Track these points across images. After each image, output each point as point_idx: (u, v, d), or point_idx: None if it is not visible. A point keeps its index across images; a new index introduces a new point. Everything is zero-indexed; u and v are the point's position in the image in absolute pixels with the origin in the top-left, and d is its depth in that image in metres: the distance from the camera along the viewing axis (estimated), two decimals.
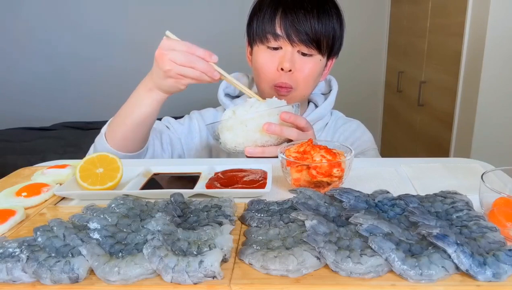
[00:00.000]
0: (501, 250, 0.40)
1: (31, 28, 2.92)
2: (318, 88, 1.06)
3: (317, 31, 0.87)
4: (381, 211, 0.50)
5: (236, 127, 0.76)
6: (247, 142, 0.76)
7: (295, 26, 0.86)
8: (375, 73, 2.98)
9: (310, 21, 0.86)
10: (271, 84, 0.91)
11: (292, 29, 0.86)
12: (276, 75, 0.90)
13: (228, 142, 0.78)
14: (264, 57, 0.91)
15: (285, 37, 0.87)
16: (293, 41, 0.87)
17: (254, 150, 0.76)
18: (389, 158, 0.79)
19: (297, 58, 0.89)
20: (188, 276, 0.38)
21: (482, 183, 0.50)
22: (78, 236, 0.44)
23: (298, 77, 0.90)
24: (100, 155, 0.67)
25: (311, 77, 0.92)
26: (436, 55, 2.09)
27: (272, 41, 0.88)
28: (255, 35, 0.92)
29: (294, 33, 0.86)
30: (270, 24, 0.88)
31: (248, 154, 0.77)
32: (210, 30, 2.90)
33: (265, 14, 0.89)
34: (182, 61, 0.74)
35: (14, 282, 0.41)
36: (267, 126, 0.74)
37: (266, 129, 0.74)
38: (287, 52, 0.88)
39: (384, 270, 0.39)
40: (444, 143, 1.96)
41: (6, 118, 2.96)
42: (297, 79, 0.90)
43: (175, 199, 0.54)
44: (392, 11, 2.87)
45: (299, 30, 0.86)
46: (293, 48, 0.88)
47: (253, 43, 0.94)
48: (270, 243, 0.44)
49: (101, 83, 3.01)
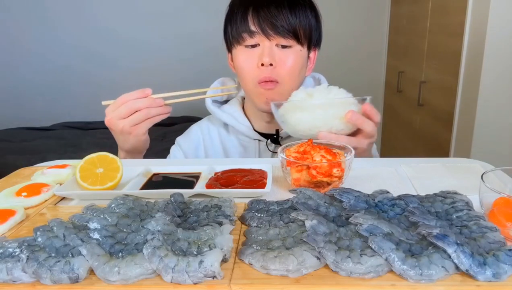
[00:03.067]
0: (501, 250, 0.40)
1: (31, 28, 2.92)
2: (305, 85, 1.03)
3: (291, 21, 0.86)
4: (381, 211, 0.50)
5: (314, 110, 0.74)
6: (324, 127, 0.74)
7: (269, 19, 0.85)
8: (375, 73, 2.98)
9: (282, 13, 0.85)
10: (255, 81, 0.90)
11: (266, 22, 0.86)
12: (257, 72, 0.89)
13: (301, 123, 0.75)
14: (242, 56, 0.90)
15: (260, 32, 0.86)
16: (269, 35, 0.86)
17: (328, 135, 0.73)
18: (389, 158, 0.79)
19: (277, 51, 0.88)
20: (188, 276, 0.38)
21: (482, 183, 0.50)
22: (78, 236, 0.44)
23: (281, 70, 0.89)
24: (100, 155, 0.67)
25: (295, 69, 0.91)
26: (436, 55, 2.09)
27: (248, 39, 0.88)
28: (231, 38, 0.91)
29: (269, 27, 0.86)
30: (243, 23, 0.87)
31: (320, 138, 0.73)
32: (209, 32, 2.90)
33: (237, 15, 0.88)
34: (125, 112, 0.78)
35: (14, 282, 0.41)
36: (351, 115, 0.72)
37: (349, 117, 0.72)
38: (265, 47, 0.87)
39: (384, 270, 0.39)
40: (444, 143, 1.96)
41: (6, 118, 2.96)
42: (280, 73, 0.89)
43: (175, 199, 0.54)
44: (392, 11, 2.87)
45: (273, 23, 0.85)
46: (271, 42, 0.87)
47: (231, 47, 0.93)
48: (270, 243, 0.44)
49: (101, 83, 3.01)
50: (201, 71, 2.74)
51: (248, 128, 1.00)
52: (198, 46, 2.95)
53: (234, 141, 1.02)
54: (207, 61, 2.74)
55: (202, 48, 2.92)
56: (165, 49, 2.97)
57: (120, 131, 0.80)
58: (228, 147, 1.03)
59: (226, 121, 1.01)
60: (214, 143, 1.04)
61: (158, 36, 2.96)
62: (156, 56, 2.96)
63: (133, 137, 0.82)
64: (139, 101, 0.79)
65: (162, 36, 2.96)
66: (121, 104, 0.79)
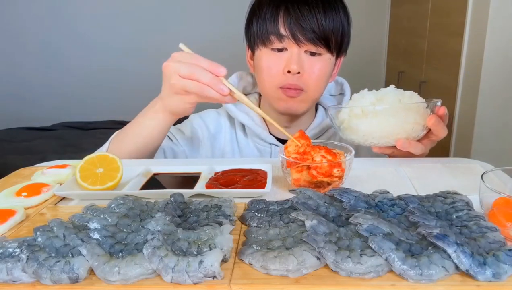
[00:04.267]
0: (501, 250, 0.40)
1: (31, 28, 2.92)
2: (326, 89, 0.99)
3: (324, 27, 0.80)
4: (381, 211, 0.50)
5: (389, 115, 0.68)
6: (403, 133, 0.69)
7: (300, 24, 0.79)
8: (375, 73, 2.98)
9: (316, 17, 0.79)
10: (278, 86, 0.85)
11: (297, 27, 0.80)
12: (282, 78, 0.84)
13: (375, 129, 0.69)
14: (268, 60, 0.84)
15: (290, 37, 0.80)
16: (300, 41, 0.80)
17: (407, 142, 0.68)
18: (389, 158, 0.79)
19: (305, 58, 0.83)
20: (188, 276, 0.38)
21: (482, 183, 0.50)
22: (78, 236, 0.44)
23: (308, 79, 0.84)
24: (100, 155, 0.67)
25: (322, 78, 0.86)
26: (436, 55, 2.09)
27: (276, 42, 0.82)
28: (256, 37, 0.85)
29: (300, 32, 0.80)
30: (273, 24, 0.81)
31: (399, 146, 0.69)
32: (214, 31, 2.90)
33: (266, 13, 0.82)
34: (185, 72, 0.68)
35: (14, 282, 0.41)
36: (434, 120, 0.67)
37: (432, 123, 0.67)
38: (294, 53, 0.82)
39: (384, 270, 0.39)
40: (444, 143, 1.96)
41: (6, 118, 2.96)
42: (307, 82, 0.84)
43: (175, 199, 0.54)
44: (392, 11, 2.87)
45: (305, 28, 0.79)
46: (300, 48, 0.82)
47: (255, 46, 0.87)
48: (270, 243, 0.44)
49: (102, 83, 3.01)
50: None
51: (265, 131, 0.94)
52: (204, 46, 2.95)
53: (249, 144, 0.97)
54: None
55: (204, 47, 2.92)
56: (165, 49, 2.98)
57: (170, 86, 0.71)
58: (242, 148, 0.98)
59: (242, 121, 0.95)
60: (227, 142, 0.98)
61: (158, 36, 2.96)
62: (156, 56, 2.96)
63: (177, 100, 0.73)
64: (205, 74, 0.68)
65: (162, 36, 2.96)
66: (190, 63, 0.69)
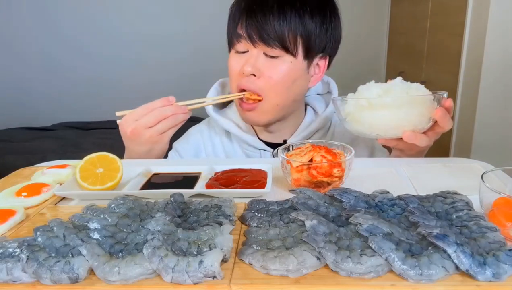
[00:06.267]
0: (501, 250, 0.40)
1: (30, 28, 2.92)
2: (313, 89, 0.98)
3: (277, 29, 0.79)
4: (381, 211, 0.50)
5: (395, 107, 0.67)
6: (409, 126, 0.68)
7: (255, 24, 0.79)
8: (375, 73, 2.98)
9: (270, 18, 0.79)
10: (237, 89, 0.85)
11: (252, 28, 0.80)
12: (238, 80, 0.84)
13: (382, 121, 0.68)
14: (231, 61, 0.86)
15: (246, 37, 0.81)
16: (254, 41, 0.80)
17: (413, 135, 0.67)
18: (389, 158, 0.79)
19: (263, 61, 0.81)
20: (188, 276, 0.38)
21: (482, 183, 0.50)
22: (78, 236, 0.44)
23: (264, 83, 0.82)
24: (100, 155, 0.67)
25: (282, 82, 0.82)
26: (436, 55, 2.09)
27: (237, 43, 0.84)
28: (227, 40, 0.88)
29: (255, 32, 0.80)
30: (234, 26, 0.83)
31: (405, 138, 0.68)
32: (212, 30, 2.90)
33: (234, 17, 0.84)
34: (153, 120, 0.75)
35: (14, 282, 0.41)
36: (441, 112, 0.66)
37: (439, 115, 0.66)
38: (251, 55, 0.82)
39: (384, 270, 0.39)
40: (444, 143, 1.96)
41: (6, 118, 2.96)
42: (263, 86, 0.82)
43: (175, 199, 0.54)
44: (392, 11, 2.87)
45: (259, 29, 0.79)
46: (257, 49, 0.81)
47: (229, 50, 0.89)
48: (270, 243, 0.44)
49: (102, 83, 3.01)
50: (203, 71, 2.74)
51: (252, 137, 0.94)
52: (200, 45, 2.95)
53: (237, 151, 0.96)
54: (208, 61, 2.74)
55: (204, 47, 2.92)
56: (166, 49, 2.98)
57: (147, 140, 0.77)
58: (230, 155, 0.97)
59: (228, 129, 0.94)
60: (216, 152, 0.99)
61: (159, 35, 2.96)
62: (156, 56, 2.97)
63: (159, 146, 0.79)
64: (166, 108, 0.76)
65: (163, 36, 2.96)
66: (147, 113, 0.76)
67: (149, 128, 0.76)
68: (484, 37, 1.59)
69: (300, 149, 0.65)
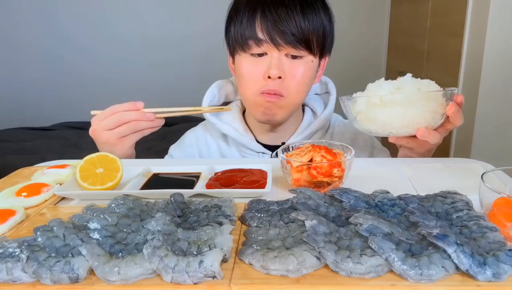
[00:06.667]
0: (501, 250, 0.40)
1: (31, 27, 2.92)
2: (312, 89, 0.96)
3: (304, 29, 0.76)
4: (381, 211, 0.50)
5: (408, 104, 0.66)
6: (424, 123, 0.67)
7: (279, 27, 0.75)
8: (375, 73, 2.98)
9: (294, 19, 0.75)
10: (258, 92, 0.81)
11: (275, 31, 0.76)
12: (263, 83, 0.80)
13: (396, 119, 0.67)
14: (248, 66, 0.81)
15: (269, 41, 0.77)
16: (279, 45, 0.77)
17: (426, 132, 0.66)
18: (389, 158, 0.79)
19: (286, 62, 0.79)
20: (188, 276, 0.38)
21: (482, 183, 0.50)
22: (78, 236, 0.44)
23: (290, 84, 0.80)
24: (100, 155, 0.67)
25: (304, 82, 0.82)
26: (436, 55, 2.09)
27: (255, 47, 0.78)
28: (234, 42, 0.82)
29: (279, 35, 0.76)
30: (250, 28, 0.78)
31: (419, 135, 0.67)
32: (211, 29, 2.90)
33: (242, 18, 0.79)
34: (113, 123, 0.76)
35: (14, 282, 0.41)
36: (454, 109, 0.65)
37: (452, 111, 0.65)
38: (274, 57, 0.78)
39: (384, 270, 0.39)
40: (444, 143, 1.95)
41: (6, 118, 2.96)
42: (288, 86, 0.81)
43: (175, 199, 0.54)
44: (392, 11, 2.87)
45: (284, 31, 0.76)
46: (280, 52, 0.78)
47: (234, 52, 0.83)
48: (270, 243, 0.44)
49: (102, 83, 3.01)
50: (203, 72, 2.74)
51: (251, 140, 0.92)
52: (198, 46, 2.95)
53: (235, 154, 0.94)
54: (208, 62, 2.74)
55: (204, 48, 2.92)
56: (167, 49, 2.97)
57: (105, 142, 0.77)
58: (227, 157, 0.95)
59: (225, 132, 0.92)
60: (212, 156, 0.97)
61: (160, 36, 2.96)
62: (157, 56, 2.97)
63: (118, 149, 0.79)
64: (129, 113, 0.76)
65: (164, 37, 2.96)
66: (110, 115, 0.76)
67: (108, 130, 0.76)
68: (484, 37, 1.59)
69: (300, 149, 0.65)
